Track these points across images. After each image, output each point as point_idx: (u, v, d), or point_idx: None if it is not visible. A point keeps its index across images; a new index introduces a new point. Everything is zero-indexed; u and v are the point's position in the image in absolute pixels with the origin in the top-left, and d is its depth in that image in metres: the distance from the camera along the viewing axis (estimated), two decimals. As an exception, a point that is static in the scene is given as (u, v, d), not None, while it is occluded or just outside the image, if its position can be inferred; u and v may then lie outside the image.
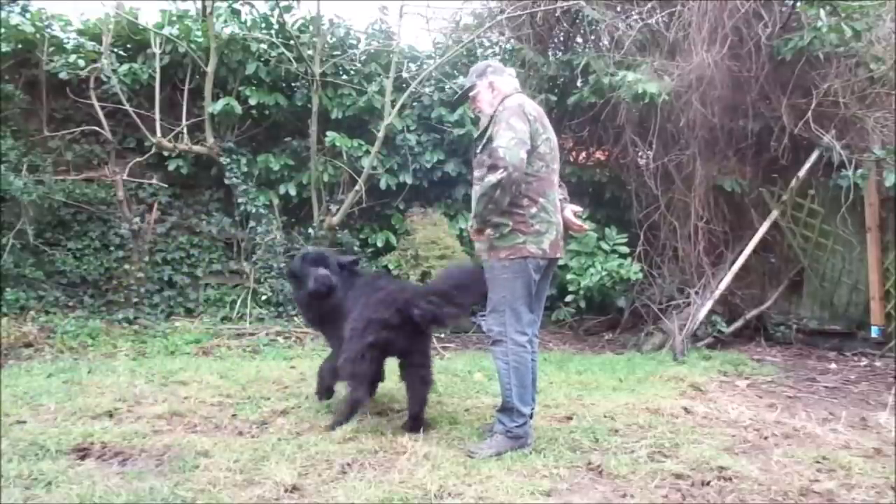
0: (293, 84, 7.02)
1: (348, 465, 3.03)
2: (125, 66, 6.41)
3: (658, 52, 6.30)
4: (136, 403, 3.92)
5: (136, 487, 2.72)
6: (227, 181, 6.66)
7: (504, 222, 3.27)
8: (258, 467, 2.96)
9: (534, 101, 3.51)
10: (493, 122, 3.29)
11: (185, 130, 6.50)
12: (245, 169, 6.66)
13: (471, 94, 3.53)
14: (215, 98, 6.44)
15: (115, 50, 6.58)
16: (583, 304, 6.55)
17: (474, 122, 6.36)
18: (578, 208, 3.62)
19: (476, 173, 3.42)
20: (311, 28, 6.76)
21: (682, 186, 6.53)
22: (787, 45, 5.90)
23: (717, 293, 6.25)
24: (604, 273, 6.23)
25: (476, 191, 3.40)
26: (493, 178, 3.12)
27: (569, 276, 6.38)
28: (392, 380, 4.66)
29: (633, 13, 6.46)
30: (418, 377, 3.56)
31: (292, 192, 6.82)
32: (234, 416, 3.79)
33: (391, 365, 5.23)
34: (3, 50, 6.07)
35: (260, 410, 3.87)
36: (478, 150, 3.40)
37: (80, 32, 6.51)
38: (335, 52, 6.97)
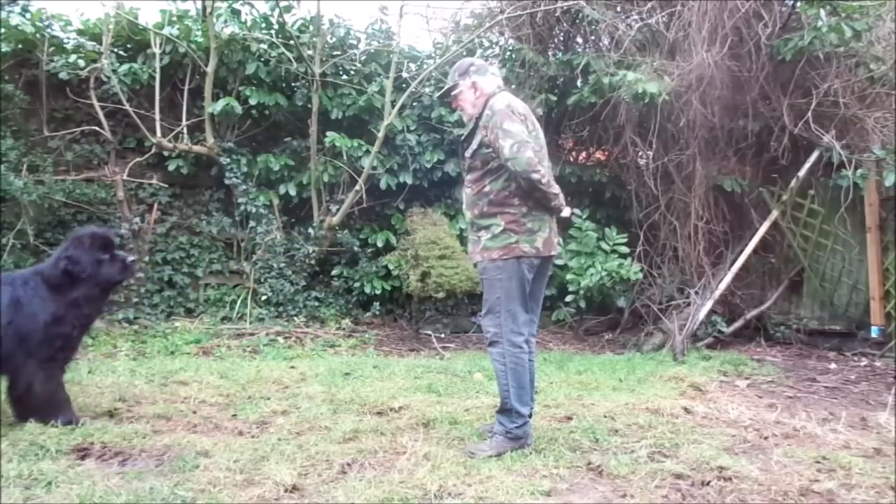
0: (293, 84, 7.02)
1: (348, 465, 3.02)
2: (125, 66, 6.40)
3: (658, 52, 6.30)
4: (136, 403, 3.92)
5: (136, 487, 2.72)
6: (227, 181, 6.65)
7: (496, 222, 3.26)
8: (258, 467, 2.95)
9: (533, 101, 3.50)
10: (483, 127, 3.25)
11: (185, 130, 6.50)
12: (245, 169, 6.66)
13: (453, 93, 3.46)
14: (215, 98, 6.44)
15: (115, 50, 6.57)
16: (583, 304, 6.55)
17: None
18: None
19: (468, 177, 3.38)
20: (311, 28, 6.76)
21: (682, 186, 6.53)
22: (787, 45, 5.90)
23: (717, 293, 6.25)
24: (604, 273, 6.23)
25: (468, 193, 3.39)
26: (527, 186, 3.20)
27: (569, 276, 6.39)
28: (392, 380, 4.67)
29: (633, 13, 6.46)
30: None
31: (292, 192, 6.82)
32: (234, 416, 3.79)
33: (400, 365, 5.22)
34: (3, 50, 6.06)
35: (260, 410, 3.87)
36: (466, 154, 3.37)
37: (80, 32, 6.50)
38: (335, 52, 6.97)
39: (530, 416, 3.36)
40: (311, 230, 6.76)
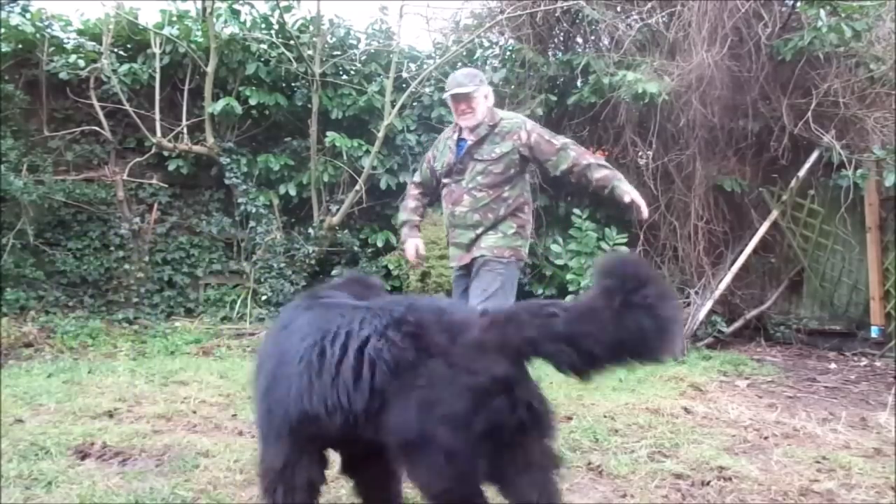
0: (293, 84, 7.02)
1: (348, 465, 3.02)
2: (125, 66, 6.40)
3: (658, 52, 6.29)
4: (136, 403, 3.92)
5: (136, 487, 2.72)
6: (227, 181, 6.66)
7: (509, 224, 3.40)
8: (258, 467, 2.95)
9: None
10: (510, 134, 3.43)
11: (185, 130, 6.50)
12: (245, 169, 6.66)
13: (472, 93, 3.49)
14: (215, 98, 6.44)
15: (115, 50, 6.58)
16: (583, 304, 6.54)
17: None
18: None
19: (483, 180, 3.46)
20: (311, 28, 6.76)
21: (682, 186, 6.52)
22: (787, 45, 5.90)
23: (717, 293, 6.25)
24: (604, 273, 6.22)
25: (479, 197, 3.45)
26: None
27: (569, 276, 6.37)
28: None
29: (633, 13, 6.45)
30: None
31: (292, 192, 6.82)
32: (234, 416, 3.79)
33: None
34: (3, 50, 6.07)
35: (260, 410, 3.86)
36: (484, 156, 3.46)
37: (80, 32, 6.51)
38: (335, 52, 6.97)
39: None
40: (311, 230, 6.76)
